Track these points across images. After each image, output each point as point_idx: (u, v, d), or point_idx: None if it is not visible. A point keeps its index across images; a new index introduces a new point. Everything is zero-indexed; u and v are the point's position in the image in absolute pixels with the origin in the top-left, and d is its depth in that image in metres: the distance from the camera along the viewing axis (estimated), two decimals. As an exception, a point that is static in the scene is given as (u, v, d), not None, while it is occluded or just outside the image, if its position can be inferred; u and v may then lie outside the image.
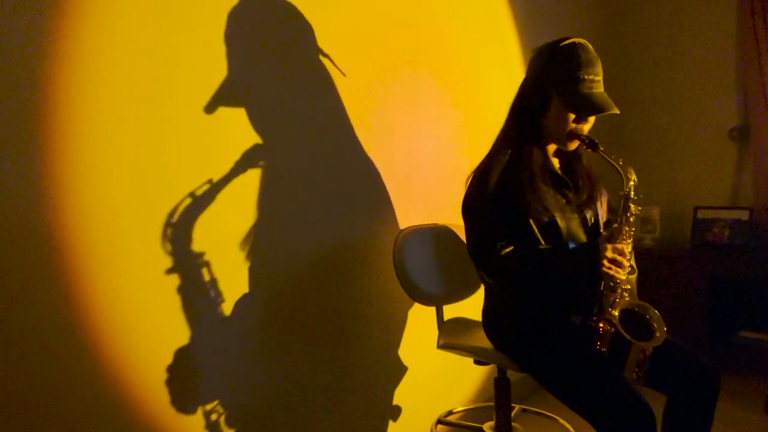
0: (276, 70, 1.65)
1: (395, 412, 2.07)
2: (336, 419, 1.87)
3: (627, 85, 3.48)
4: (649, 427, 1.32)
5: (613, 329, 1.43)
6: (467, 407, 2.33)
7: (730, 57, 3.19)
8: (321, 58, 1.79)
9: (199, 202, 1.48)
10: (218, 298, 1.53)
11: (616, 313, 1.43)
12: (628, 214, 1.48)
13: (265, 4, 1.63)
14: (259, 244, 1.61)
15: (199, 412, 1.50)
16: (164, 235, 1.41)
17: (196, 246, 1.48)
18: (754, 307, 3.01)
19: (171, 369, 1.43)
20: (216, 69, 1.51)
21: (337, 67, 1.82)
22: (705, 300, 2.90)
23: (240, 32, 1.55)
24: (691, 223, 3.18)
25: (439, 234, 2.01)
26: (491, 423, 1.93)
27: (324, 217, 1.80)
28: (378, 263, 1.96)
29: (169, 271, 1.43)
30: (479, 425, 2.05)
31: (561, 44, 1.51)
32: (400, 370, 2.08)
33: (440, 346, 1.81)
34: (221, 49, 1.52)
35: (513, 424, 1.87)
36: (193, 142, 1.46)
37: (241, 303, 1.58)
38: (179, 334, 1.46)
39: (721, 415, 1.51)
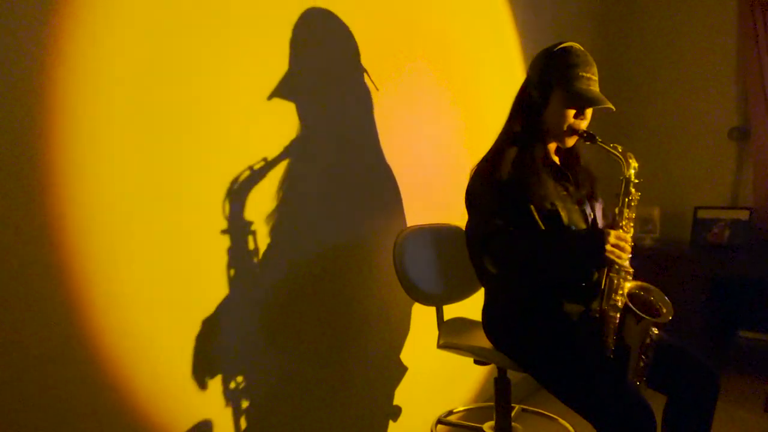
0: (286, 71, 1.65)
1: (395, 412, 2.07)
2: (336, 419, 1.87)
3: (627, 85, 3.48)
4: (649, 428, 1.32)
5: (618, 314, 1.45)
6: (467, 407, 2.33)
7: (730, 57, 3.19)
8: (331, 59, 1.79)
9: (205, 197, 1.48)
10: (221, 291, 1.54)
11: (625, 290, 1.45)
12: (629, 198, 1.52)
13: (273, 2, 1.64)
14: (260, 242, 1.62)
15: (196, 403, 1.51)
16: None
17: (199, 236, 1.48)
18: (754, 307, 3.01)
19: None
20: (230, 66, 1.52)
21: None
22: (705, 300, 2.90)
23: (250, 31, 1.56)
24: (691, 223, 3.18)
25: (440, 234, 2.01)
26: (491, 423, 1.93)
27: (324, 216, 1.80)
28: (378, 263, 1.96)
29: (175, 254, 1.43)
30: (479, 425, 2.05)
31: (560, 46, 1.59)
32: (400, 370, 2.08)
33: (440, 346, 1.81)
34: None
35: (513, 424, 1.87)
36: (194, 141, 1.47)
37: (241, 302, 1.58)
38: (182, 320, 1.46)
39: (721, 415, 1.52)
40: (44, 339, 1.23)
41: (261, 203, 1.62)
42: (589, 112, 1.59)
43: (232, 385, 1.57)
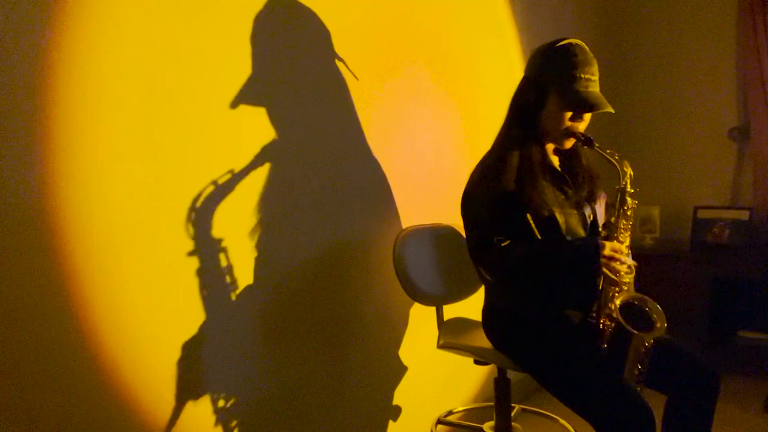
0: (278, 70, 1.65)
1: (395, 412, 2.07)
2: (336, 419, 1.87)
3: (627, 85, 3.48)
4: (648, 428, 1.32)
5: (613, 324, 1.44)
6: (467, 407, 2.33)
7: (730, 57, 3.19)
8: (325, 58, 1.79)
9: (201, 200, 1.48)
10: (219, 294, 1.54)
11: (618, 303, 1.44)
12: (625, 208, 1.50)
13: (270, 3, 1.63)
14: (258, 243, 1.61)
15: (198, 407, 1.50)
16: (164, 231, 1.41)
17: (201, 241, 1.48)
18: (754, 307, 3.01)
19: (179, 358, 1.45)
20: (226, 68, 1.51)
21: (350, 71, 1.83)
22: (705, 300, 2.89)
23: (243, 31, 1.55)
24: (691, 223, 3.18)
25: (439, 234, 2.01)
26: (491, 423, 1.93)
27: (323, 216, 1.80)
28: (378, 263, 1.96)
29: (172, 265, 1.43)
30: (479, 425, 2.05)
31: (558, 44, 1.53)
32: (400, 370, 2.08)
33: (440, 346, 1.81)
34: (233, 47, 1.53)
35: (513, 424, 1.87)
36: (195, 141, 1.46)
37: (240, 302, 1.58)
38: (181, 328, 1.46)
39: (721, 415, 1.51)
40: (42, 339, 1.23)
41: (259, 206, 1.62)
42: (587, 115, 1.56)
43: (230, 382, 1.57)
